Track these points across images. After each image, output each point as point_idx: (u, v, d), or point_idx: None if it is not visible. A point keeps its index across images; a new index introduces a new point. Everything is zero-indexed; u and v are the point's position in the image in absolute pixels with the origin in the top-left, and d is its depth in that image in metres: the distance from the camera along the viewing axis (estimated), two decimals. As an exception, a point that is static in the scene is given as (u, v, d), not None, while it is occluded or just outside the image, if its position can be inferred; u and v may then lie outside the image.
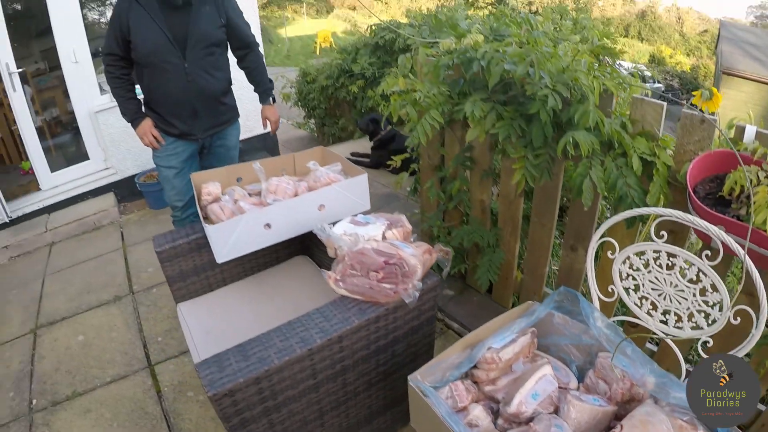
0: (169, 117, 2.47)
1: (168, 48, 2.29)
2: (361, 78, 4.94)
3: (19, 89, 3.89)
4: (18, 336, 2.92)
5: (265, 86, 2.69)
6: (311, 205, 1.79)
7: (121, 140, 4.26)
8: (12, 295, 3.39)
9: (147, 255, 3.57)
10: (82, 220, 4.07)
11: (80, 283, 3.35)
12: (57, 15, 3.84)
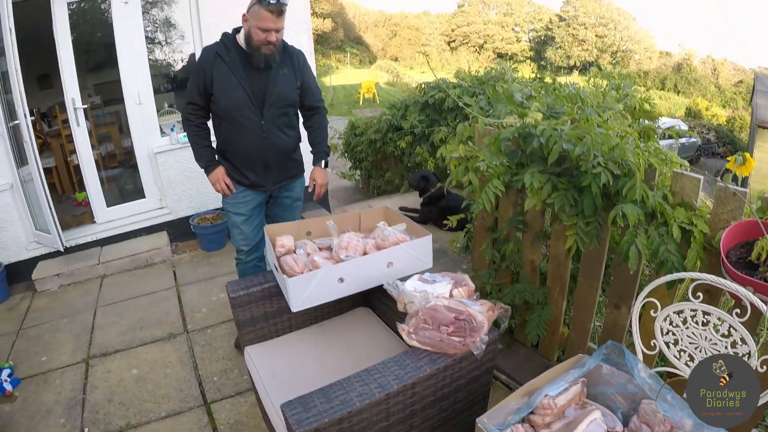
0: (242, 168, 2.71)
1: (247, 105, 2.55)
2: (410, 134, 5.25)
3: (83, 124, 4.30)
4: (69, 364, 3.11)
5: (322, 148, 2.89)
6: (381, 262, 2.02)
7: (177, 182, 4.60)
8: (62, 323, 3.64)
9: (200, 296, 3.78)
10: (134, 256, 4.35)
11: (133, 318, 3.56)
12: (125, 59, 4.27)
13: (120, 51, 4.23)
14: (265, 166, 2.71)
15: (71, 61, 4.17)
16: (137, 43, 4.28)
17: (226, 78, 2.52)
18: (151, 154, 4.51)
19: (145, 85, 4.35)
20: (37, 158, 3.93)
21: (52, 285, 4.20)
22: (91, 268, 4.25)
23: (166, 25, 4.60)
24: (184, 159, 4.54)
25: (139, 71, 4.31)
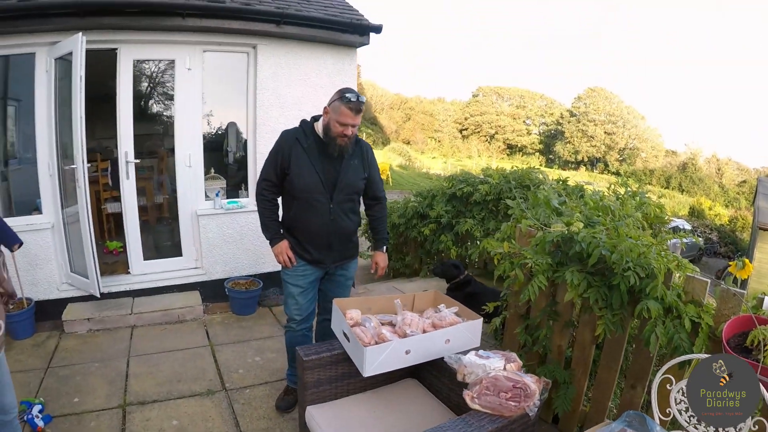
0: (306, 244, 3.05)
1: (319, 189, 2.92)
2: (435, 222, 5.79)
3: (132, 177, 4.84)
4: (104, 408, 3.36)
5: (383, 235, 3.31)
6: (441, 339, 2.50)
7: (216, 245, 5.09)
8: (94, 367, 3.95)
9: (236, 357, 4.11)
10: (167, 311, 4.74)
11: (169, 371, 3.86)
12: (181, 122, 4.90)
13: (177, 114, 4.86)
14: (328, 246, 3.05)
15: (130, 116, 4.79)
16: (195, 108, 4.93)
17: (303, 162, 2.91)
18: (194, 216, 5.04)
19: (196, 149, 4.96)
20: (89, 204, 4.42)
21: (81, 328, 4.56)
22: (123, 317, 4.64)
23: (222, 95, 5.23)
24: (224, 224, 5.07)
25: (192, 135, 4.94)
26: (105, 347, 4.29)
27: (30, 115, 4.80)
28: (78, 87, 4.23)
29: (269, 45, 5.05)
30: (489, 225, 5.17)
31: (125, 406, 3.40)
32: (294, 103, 5.15)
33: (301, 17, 4.95)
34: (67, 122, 4.61)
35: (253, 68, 5.08)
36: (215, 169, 5.35)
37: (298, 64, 5.16)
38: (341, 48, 5.38)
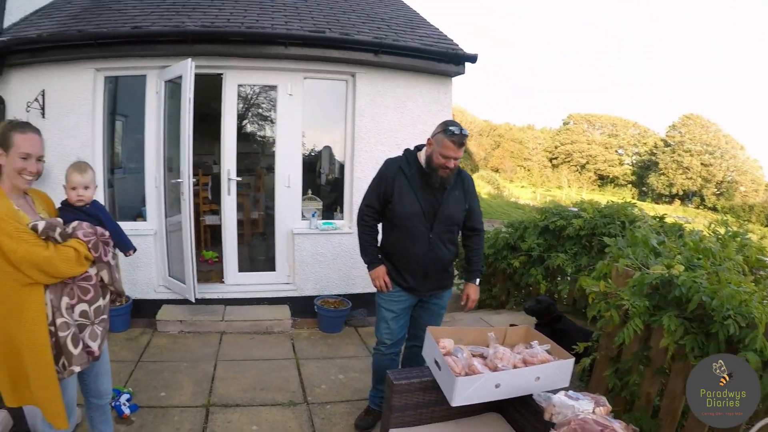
0: (403, 271, 3.14)
1: (420, 218, 3.02)
2: (525, 255, 5.84)
3: (233, 193, 5.28)
4: (189, 405, 3.64)
5: (477, 267, 3.34)
6: (531, 376, 2.55)
7: (308, 263, 5.40)
8: (183, 366, 4.29)
9: (319, 372, 4.29)
10: (256, 321, 5.06)
11: (253, 378, 4.09)
12: (282, 144, 5.29)
13: (279, 137, 5.26)
14: (425, 274, 3.13)
15: (233, 137, 5.25)
16: (295, 132, 5.31)
17: (406, 191, 3.02)
18: (290, 234, 5.40)
19: (295, 170, 5.33)
20: (191, 216, 4.86)
21: (173, 329, 4.99)
22: (214, 323, 5.01)
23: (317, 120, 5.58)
24: (318, 244, 5.37)
25: (292, 158, 5.31)
26: (194, 349, 4.65)
27: (134, 130, 5.48)
28: (187, 108, 4.71)
29: (367, 73, 5.35)
30: (581, 261, 5.11)
31: (209, 406, 3.66)
32: (390, 131, 5.40)
33: (398, 47, 5.23)
34: (173, 139, 5.15)
35: (351, 96, 5.40)
36: (308, 189, 5.68)
37: (395, 92, 5.42)
38: (437, 77, 5.59)
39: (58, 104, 5.26)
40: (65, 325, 2.23)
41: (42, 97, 5.24)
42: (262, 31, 5.05)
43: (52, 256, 2.13)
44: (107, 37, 5.02)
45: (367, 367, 4.12)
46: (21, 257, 2.07)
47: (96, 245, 2.34)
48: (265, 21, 5.37)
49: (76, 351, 2.26)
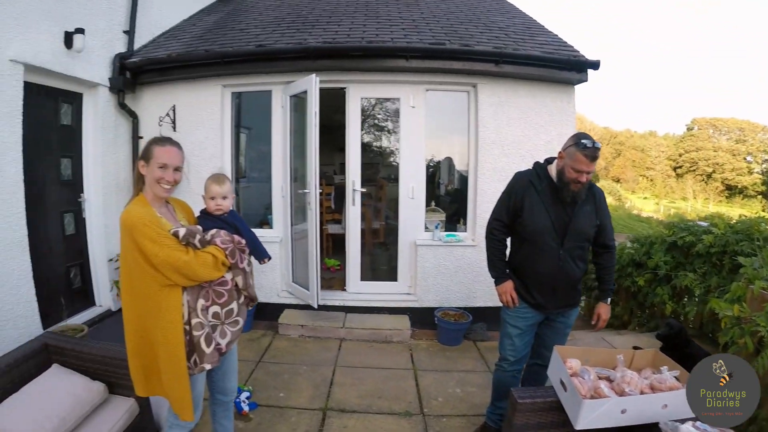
0: (531, 287, 3.09)
1: (550, 233, 2.96)
2: (651, 273, 5.59)
3: (358, 204, 5.48)
4: (306, 408, 3.81)
5: (609, 286, 3.24)
6: (658, 403, 2.36)
7: (430, 275, 5.49)
8: (302, 369, 4.49)
9: (436, 384, 4.29)
10: (376, 330, 5.20)
11: (371, 386, 4.19)
12: (406, 156, 5.45)
13: (402, 149, 5.41)
14: (553, 291, 3.07)
15: (358, 149, 5.46)
16: (418, 144, 5.43)
17: (536, 205, 2.98)
18: (412, 245, 5.53)
19: (419, 182, 5.46)
20: (317, 225, 5.09)
21: (294, 333, 5.26)
22: (334, 330, 5.22)
23: (437, 131, 5.68)
24: (441, 256, 5.45)
25: (416, 169, 5.45)
26: (314, 353, 4.86)
27: (257, 141, 5.90)
28: (313, 122, 4.97)
29: (489, 84, 5.38)
30: (711, 281, 4.80)
31: (326, 410, 3.79)
32: (514, 142, 5.38)
33: (518, 56, 5.21)
34: (298, 151, 5.45)
35: (474, 107, 5.45)
36: (432, 201, 5.78)
37: (518, 103, 5.40)
38: (559, 86, 5.50)
39: (188, 119, 5.78)
40: (200, 325, 2.39)
41: (173, 112, 5.77)
42: (383, 45, 5.21)
43: (191, 260, 2.30)
44: (233, 55, 5.44)
45: (484, 382, 4.18)
46: (162, 260, 2.24)
47: (233, 252, 2.48)
48: (384, 35, 5.55)
49: (208, 350, 2.41)
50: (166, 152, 2.42)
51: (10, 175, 4.26)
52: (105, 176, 5.58)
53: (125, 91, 5.71)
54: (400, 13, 6.56)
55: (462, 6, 7.10)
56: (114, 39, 5.72)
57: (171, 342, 2.33)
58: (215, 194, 2.64)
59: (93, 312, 5.50)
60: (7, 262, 4.25)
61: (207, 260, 2.36)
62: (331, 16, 6.54)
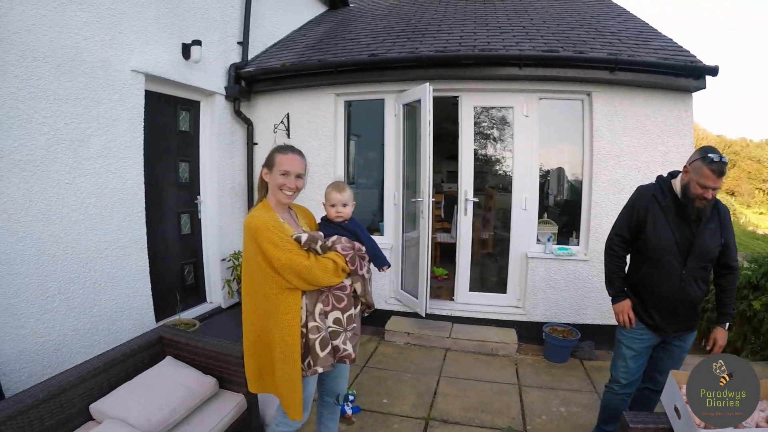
0: (650, 308, 3.02)
1: (673, 252, 2.88)
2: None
3: (470, 214, 5.54)
4: (409, 416, 3.90)
5: (728, 309, 3.08)
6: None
7: (540, 289, 5.49)
8: (406, 377, 4.59)
9: (541, 402, 4.25)
10: (482, 342, 5.25)
11: (475, 399, 4.22)
12: (519, 166, 5.46)
13: (516, 159, 5.44)
14: (672, 313, 2.97)
15: (471, 159, 5.53)
16: (531, 154, 5.44)
17: (660, 222, 2.92)
18: (523, 257, 5.55)
19: (532, 193, 5.48)
20: (430, 234, 5.21)
21: (400, 339, 5.39)
22: (440, 339, 5.31)
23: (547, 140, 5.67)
24: (552, 269, 5.44)
25: (529, 180, 5.46)
26: (419, 362, 4.95)
27: (366, 148, 6.17)
28: (426, 131, 5.07)
29: (603, 92, 5.31)
30: None
31: (428, 420, 3.86)
32: (629, 153, 5.28)
33: (634, 62, 5.09)
34: (410, 159, 5.57)
35: (588, 116, 5.39)
36: (544, 213, 5.77)
37: (634, 111, 5.30)
38: (676, 93, 5.33)
39: (301, 126, 6.06)
40: (316, 329, 2.48)
41: (287, 119, 6.04)
42: (496, 53, 5.24)
43: (312, 265, 2.37)
44: (346, 65, 5.64)
45: (590, 403, 4.14)
46: (284, 264, 2.33)
47: (353, 259, 2.55)
48: (495, 43, 5.59)
49: (322, 353, 2.48)
50: (288, 160, 2.54)
51: (131, 178, 4.61)
52: (220, 180, 5.94)
53: (240, 99, 6.05)
54: (509, 19, 6.58)
55: (572, 11, 7.03)
56: (228, 50, 6.08)
57: (287, 343, 2.42)
58: (336, 201, 2.71)
59: (204, 308, 5.88)
60: (127, 258, 4.60)
61: (327, 266, 2.43)
62: (440, 24, 6.66)
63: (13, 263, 3.61)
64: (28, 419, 2.48)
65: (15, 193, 3.61)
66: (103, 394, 2.90)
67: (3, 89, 3.49)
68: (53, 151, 3.87)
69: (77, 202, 4.10)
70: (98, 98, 4.24)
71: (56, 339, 3.93)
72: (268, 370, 2.57)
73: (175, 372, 3.15)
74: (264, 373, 2.60)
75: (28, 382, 3.62)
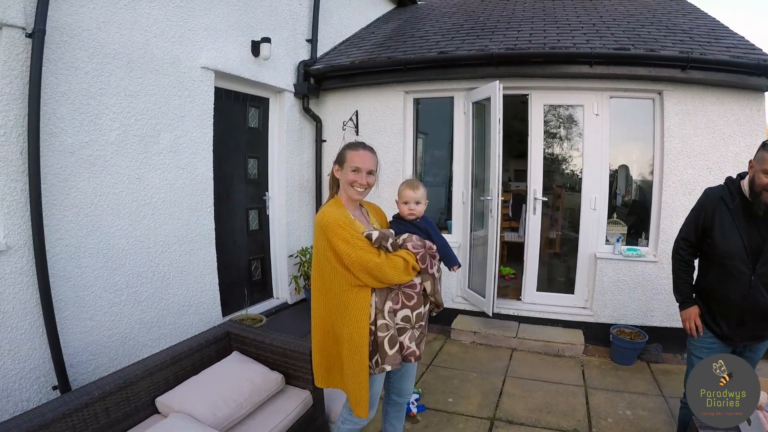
0: (717, 316, 2.93)
1: (741, 256, 2.76)
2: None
3: (539, 213, 5.65)
4: (474, 416, 3.97)
5: None
6: None
7: (608, 290, 5.56)
8: (472, 376, 4.69)
9: (607, 404, 4.27)
10: (548, 343, 5.35)
11: (541, 400, 4.28)
12: (589, 165, 5.55)
13: (586, 158, 5.52)
14: (740, 321, 2.85)
15: (540, 158, 5.64)
16: (602, 154, 5.51)
17: (728, 225, 2.80)
18: (592, 258, 5.63)
19: (602, 193, 5.56)
20: (498, 233, 5.34)
21: (466, 338, 5.54)
22: (506, 339, 5.43)
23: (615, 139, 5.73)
24: (620, 270, 5.50)
25: (599, 179, 5.54)
26: (485, 361, 5.06)
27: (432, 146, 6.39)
28: (497, 129, 5.19)
29: (675, 91, 5.34)
30: None
31: (494, 420, 3.93)
32: (700, 153, 5.31)
33: (706, 61, 5.09)
34: (479, 157, 5.71)
35: (659, 115, 5.43)
36: (613, 213, 5.82)
37: (705, 110, 5.32)
38: (748, 92, 5.31)
39: (370, 123, 6.25)
40: (385, 326, 2.52)
41: (356, 117, 6.25)
42: (567, 51, 5.33)
43: (383, 263, 2.41)
44: (416, 62, 5.80)
45: (656, 407, 4.18)
46: (354, 261, 2.37)
47: (423, 257, 2.57)
48: (566, 41, 5.67)
49: (390, 351, 2.52)
50: (359, 156, 2.57)
51: (201, 173, 4.82)
52: (289, 176, 6.18)
53: (309, 96, 6.28)
54: (578, 17, 6.64)
55: (642, 8, 7.04)
56: (298, 47, 6.32)
57: (355, 340, 2.47)
58: (409, 199, 2.73)
59: (270, 304, 6.13)
60: (195, 253, 4.79)
61: (398, 264, 2.47)
62: (509, 21, 6.78)
63: (82, 257, 3.75)
64: (95, 411, 2.54)
65: (85, 188, 3.75)
66: (169, 387, 2.97)
67: (74, 85, 3.64)
68: (123, 146, 4.02)
69: (146, 197, 4.26)
70: (168, 95, 4.41)
71: (123, 332, 4.08)
72: (336, 366, 2.63)
73: (241, 367, 3.21)
74: (332, 369, 2.66)
75: (95, 373, 3.78)
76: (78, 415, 2.45)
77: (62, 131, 3.59)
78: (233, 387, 2.95)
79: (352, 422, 2.77)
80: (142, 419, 2.80)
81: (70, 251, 3.67)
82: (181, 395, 2.87)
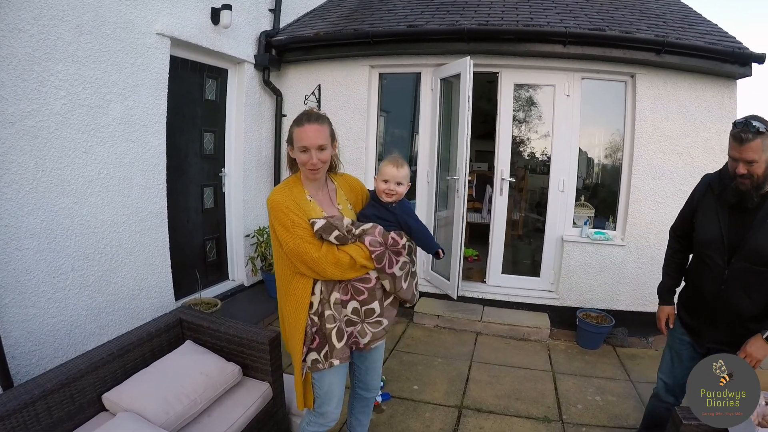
0: (688, 307, 2.87)
1: (717, 247, 2.57)
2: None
3: (506, 194, 5.74)
4: (441, 404, 3.99)
5: None
6: None
7: (574, 273, 5.69)
8: (437, 362, 4.73)
9: (576, 390, 4.34)
10: (513, 326, 5.46)
11: (509, 386, 4.33)
12: (558, 146, 5.65)
13: (555, 140, 5.63)
14: (709, 320, 2.69)
15: (508, 138, 5.73)
16: (571, 135, 5.63)
17: (709, 212, 2.65)
18: (559, 240, 5.76)
19: (570, 175, 5.68)
20: (464, 214, 5.40)
21: (429, 323, 5.60)
22: (471, 323, 5.52)
23: (592, 123, 5.86)
24: (587, 253, 5.64)
25: (568, 161, 5.66)
26: (449, 346, 5.12)
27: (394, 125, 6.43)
28: (465, 107, 5.24)
29: (648, 74, 5.49)
30: None
31: (461, 408, 3.95)
32: (671, 138, 5.46)
33: (681, 45, 5.24)
34: (445, 136, 5.77)
35: (631, 98, 5.58)
36: (581, 196, 5.96)
37: (677, 95, 5.47)
38: (720, 79, 5.50)
39: (333, 98, 6.26)
40: (332, 317, 2.40)
41: (318, 91, 6.25)
42: (540, 29, 5.40)
43: (320, 258, 2.28)
44: (383, 35, 5.80)
45: (624, 392, 4.31)
46: (291, 250, 2.29)
47: (380, 257, 2.41)
48: (539, 19, 5.74)
49: (338, 345, 2.42)
50: (304, 132, 2.33)
51: (153, 147, 4.65)
52: (247, 152, 6.12)
53: (270, 68, 6.23)
54: (552, -4, 6.73)
55: (616, -10, 7.18)
56: (260, 17, 6.25)
57: (290, 326, 2.46)
58: (389, 177, 2.53)
59: (226, 286, 6.08)
60: (146, 233, 4.64)
61: (341, 260, 2.33)
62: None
63: (22, 238, 3.52)
64: (35, 412, 2.38)
65: (27, 163, 3.51)
66: (117, 382, 2.81)
67: (17, 48, 3.38)
68: (69, 117, 3.80)
69: (94, 173, 4.06)
70: (120, 62, 4.20)
71: (69, 319, 3.90)
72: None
73: (195, 358, 3.06)
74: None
75: (39, 365, 3.61)
76: (17, 417, 2.30)
77: (2, 99, 3.33)
78: (187, 381, 2.82)
79: (317, 424, 2.68)
80: (88, 418, 2.67)
81: (9, 232, 3.44)
82: (130, 391, 2.72)
